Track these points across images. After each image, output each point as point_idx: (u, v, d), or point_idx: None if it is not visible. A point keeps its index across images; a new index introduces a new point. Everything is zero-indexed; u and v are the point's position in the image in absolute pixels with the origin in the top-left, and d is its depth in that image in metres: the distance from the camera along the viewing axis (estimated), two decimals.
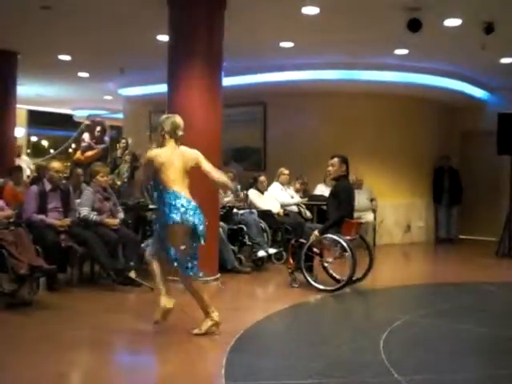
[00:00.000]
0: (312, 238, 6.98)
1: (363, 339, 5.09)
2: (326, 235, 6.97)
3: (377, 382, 3.96)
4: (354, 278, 7.00)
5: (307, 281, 7.02)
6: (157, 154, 5.03)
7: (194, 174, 5.16)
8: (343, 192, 7.09)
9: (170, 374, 4.32)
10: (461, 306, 6.43)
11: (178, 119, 5.16)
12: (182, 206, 4.88)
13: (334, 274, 7.31)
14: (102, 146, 10.96)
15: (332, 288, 6.92)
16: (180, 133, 5.11)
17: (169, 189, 4.93)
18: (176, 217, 4.84)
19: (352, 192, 7.30)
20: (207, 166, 5.10)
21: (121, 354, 4.77)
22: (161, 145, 5.13)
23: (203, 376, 4.14)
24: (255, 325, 5.39)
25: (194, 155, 5.12)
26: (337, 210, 7.04)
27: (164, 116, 5.23)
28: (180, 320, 5.53)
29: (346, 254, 6.83)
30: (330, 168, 7.23)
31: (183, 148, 5.14)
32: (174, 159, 5.00)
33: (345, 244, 6.79)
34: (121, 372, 4.35)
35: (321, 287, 6.94)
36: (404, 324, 5.54)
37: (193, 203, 4.95)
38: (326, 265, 7.32)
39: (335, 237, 6.87)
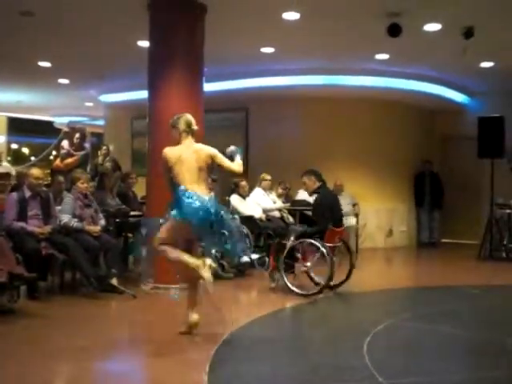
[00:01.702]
0: (289, 243, 7.06)
1: (347, 343, 5.08)
2: (305, 240, 7.03)
3: None
4: (332, 284, 7.11)
5: (286, 284, 7.03)
6: (167, 151, 5.15)
7: None
8: (319, 205, 7.22)
9: (152, 382, 4.29)
10: (444, 310, 6.44)
11: (189, 116, 5.33)
12: (187, 201, 4.94)
13: (315, 278, 7.33)
14: (82, 152, 10.91)
15: (310, 292, 6.93)
16: (195, 127, 5.28)
17: (178, 186, 5.03)
18: (175, 212, 4.96)
19: (333, 200, 7.42)
20: (222, 160, 5.25)
21: (103, 361, 4.71)
22: (177, 143, 5.26)
23: (186, 383, 4.10)
24: (238, 330, 5.37)
25: (209, 152, 5.23)
26: (319, 222, 7.14)
27: (175, 117, 5.33)
28: (162, 327, 5.50)
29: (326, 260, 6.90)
30: (304, 186, 7.47)
31: (199, 145, 5.28)
32: (186, 156, 5.10)
33: (324, 251, 6.83)
34: (103, 380, 4.30)
35: (299, 291, 6.96)
36: (387, 327, 5.54)
37: (201, 198, 4.97)
38: (304, 268, 7.31)
39: (317, 243, 6.90)
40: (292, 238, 7.06)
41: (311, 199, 7.77)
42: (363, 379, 4.08)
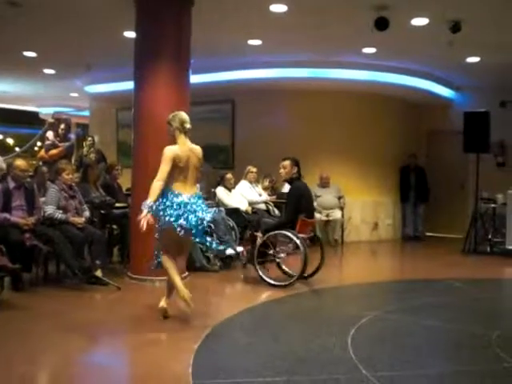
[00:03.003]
0: (258, 240, 7.22)
1: (331, 336, 5.08)
2: (280, 232, 7.13)
3: (345, 379, 3.96)
4: (305, 274, 7.23)
5: (259, 275, 7.16)
6: (176, 151, 5.29)
7: None
8: (292, 195, 7.34)
9: (137, 374, 4.29)
10: (428, 303, 6.48)
11: (184, 114, 5.52)
12: (179, 206, 5.19)
13: (287, 270, 7.51)
14: (67, 143, 10.84)
15: (283, 283, 7.02)
16: (188, 126, 5.45)
17: (173, 189, 5.26)
18: (169, 221, 5.17)
19: (306, 192, 7.51)
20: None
21: (88, 353, 4.69)
22: (173, 141, 5.41)
23: (170, 375, 4.09)
24: (223, 323, 5.37)
25: (200, 151, 5.52)
26: (286, 212, 7.38)
27: (171, 115, 5.49)
28: (146, 319, 5.49)
29: (299, 250, 6.99)
30: (282, 170, 7.43)
31: (192, 145, 5.48)
32: (187, 156, 5.33)
33: (298, 241, 6.94)
34: (88, 372, 4.28)
35: (272, 282, 7.07)
36: (372, 320, 5.57)
37: (193, 200, 5.27)
38: (278, 260, 7.48)
39: (289, 234, 7.01)
40: (260, 235, 7.24)
41: None
42: (347, 372, 4.09)
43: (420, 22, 8.01)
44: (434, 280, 7.88)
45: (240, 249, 8.48)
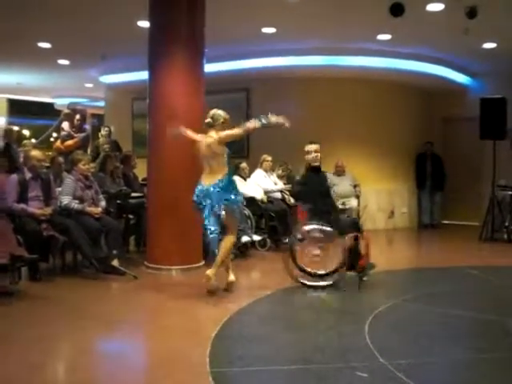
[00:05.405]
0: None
1: (348, 324, 5.08)
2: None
3: (362, 367, 3.95)
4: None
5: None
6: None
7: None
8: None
9: (154, 362, 4.30)
10: (445, 291, 6.45)
11: (211, 111, 6.23)
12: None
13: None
14: (83, 134, 10.88)
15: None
16: (212, 122, 6.17)
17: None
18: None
19: None
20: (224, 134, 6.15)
21: (105, 342, 4.73)
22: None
23: (188, 363, 4.11)
24: (240, 311, 5.38)
25: (209, 141, 6.04)
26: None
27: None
28: (163, 307, 5.51)
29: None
30: (314, 154, 7.10)
31: (208, 135, 6.09)
32: (201, 147, 6.01)
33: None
34: (105, 360, 4.32)
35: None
36: (389, 309, 5.56)
37: (205, 187, 5.95)
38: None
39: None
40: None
41: None
42: (364, 360, 4.09)
43: (436, 7, 7.92)
44: (451, 268, 7.84)
45: (256, 237, 8.50)
